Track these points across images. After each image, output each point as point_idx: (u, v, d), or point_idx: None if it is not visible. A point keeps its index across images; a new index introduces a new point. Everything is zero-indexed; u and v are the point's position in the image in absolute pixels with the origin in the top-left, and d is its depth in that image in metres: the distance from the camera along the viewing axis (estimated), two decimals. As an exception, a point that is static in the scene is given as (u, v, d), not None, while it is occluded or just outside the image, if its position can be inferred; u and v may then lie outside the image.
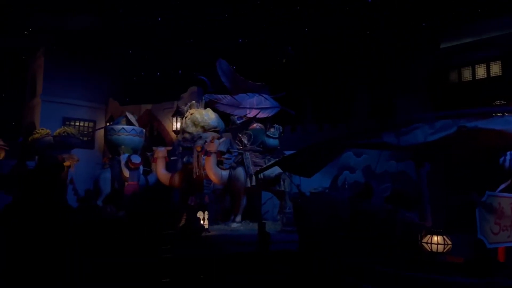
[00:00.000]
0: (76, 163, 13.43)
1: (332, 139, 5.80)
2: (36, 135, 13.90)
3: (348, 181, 10.20)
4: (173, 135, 15.52)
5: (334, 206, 6.74)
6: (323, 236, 6.02)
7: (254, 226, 9.89)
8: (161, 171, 11.82)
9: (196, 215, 8.60)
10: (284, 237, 8.17)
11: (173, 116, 15.43)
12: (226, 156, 10.85)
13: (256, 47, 16.50)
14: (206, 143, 9.90)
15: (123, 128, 12.58)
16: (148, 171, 13.19)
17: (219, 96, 10.28)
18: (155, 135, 16.45)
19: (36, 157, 14.52)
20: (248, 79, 10.72)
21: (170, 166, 12.49)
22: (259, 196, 11.23)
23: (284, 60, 16.46)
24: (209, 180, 10.87)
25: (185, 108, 11.74)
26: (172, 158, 11.75)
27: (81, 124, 16.86)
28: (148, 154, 12.97)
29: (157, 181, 13.00)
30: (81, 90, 16.83)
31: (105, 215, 10.49)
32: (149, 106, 16.65)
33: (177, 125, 15.37)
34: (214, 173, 9.92)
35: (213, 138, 9.86)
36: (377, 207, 6.08)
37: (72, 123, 16.17)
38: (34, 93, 17.23)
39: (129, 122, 12.92)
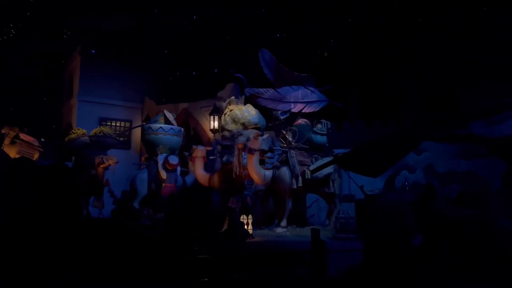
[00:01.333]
0: (115, 164, 12.94)
1: (405, 132, 4.84)
2: (72, 135, 13.63)
3: (408, 182, 9.11)
4: (210, 134, 14.86)
5: (399, 211, 5.80)
6: (395, 248, 5.06)
7: (302, 231, 9.02)
8: (199, 171, 11.16)
9: (240, 219, 7.81)
10: (339, 245, 7.23)
11: (210, 114, 14.71)
12: (268, 155, 10.04)
13: (296, 41, 15.62)
14: (249, 140, 9.10)
15: (161, 127, 12.03)
16: (185, 171, 12.59)
17: (261, 89, 9.47)
18: (191, 134, 15.89)
19: (73, 158, 14.30)
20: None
21: (208, 166, 11.82)
22: (303, 198, 10.39)
23: (325, 54, 15.45)
24: (250, 180, 10.09)
25: (224, 104, 11.02)
26: (211, 158, 11.06)
27: (117, 124, 16.57)
28: (186, 153, 12.39)
29: (195, 182, 12.40)
30: (117, 89, 16.55)
31: (141, 218, 9.92)
32: (185, 105, 16.11)
33: (214, 124, 14.67)
34: (256, 172, 9.12)
35: (257, 135, 9.05)
36: (462, 213, 5.04)
37: (109, 123, 15.89)
38: (71, 94, 17.14)
39: (167, 121, 12.36)
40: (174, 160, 11.86)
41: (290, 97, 9.44)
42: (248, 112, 10.48)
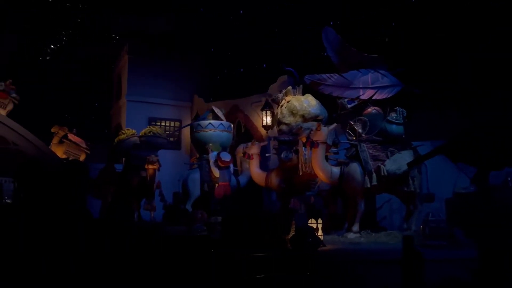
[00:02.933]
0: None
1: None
2: (122, 136, 13.19)
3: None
4: (263, 131, 13.89)
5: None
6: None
7: (378, 237, 7.74)
8: (255, 170, 10.21)
9: (308, 223, 6.70)
10: (432, 255, 5.91)
11: (262, 110, 13.78)
12: (332, 150, 8.86)
13: (354, 27, 14.24)
14: (311, 132, 7.98)
15: (210, 123, 11.21)
16: (238, 170, 11.69)
17: (324, 75, 8.30)
18: (242, 132, 15.02)
19: (123, 159, 13.90)
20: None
21: (262, 164, 10.84)
22: (373, 199, 9.08)
23: (386, 39, 13.93)
24: (313, 179, 8.97)
25: (280, 96, 9.97)
26: (266, 155, 10.08)
27: (167, 123, 16.05)
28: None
29: (249, 182, 11.49)
30: (166, 88, 16.04)
31: (195, 222, 9.09)
32: (235, 102, 15.27)
33: (267, 119, 13.71)
34: (322, 169, 7.97)
35: (319, 125, 7.91)
36: None
37: (158, 123, 15.38)
38: (119, 95, 16.88)
39: (216, 117, 11.53)
40: (226, 156, 10.99)
41: (358, 82, 8.21)
42: (307, 103, 9.36)
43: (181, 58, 16.65)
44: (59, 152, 13.06)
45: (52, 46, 28.12)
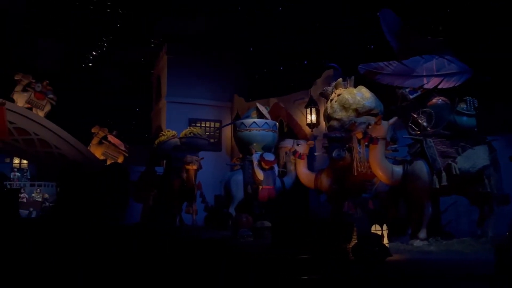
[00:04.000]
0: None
1: None
2: (162, 138, 12.89)
3: None
4: (307, 129, 13.12)
5: None
6: None
7: (450, 245, 6.74)
8: (303, 170, 9.44)
9: (371, 230, 5.86)
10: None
11: (306, 107, 13.05)
12: (391, 147, 7.95)
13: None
14: (369, 127, 7.13)
15: (254, 122, 10.56)
16: (283, 172, 10.97)
17: (381, 64, 7.41)
18: (285, 131, 14.27)
19: (164, 162, 13.57)
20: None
21: (310, 164, 10.06)
22: (437, 201, 8.05)
23: (440, 28, 12.75)
24: (369, 179, 8.09)
25: (329, 89, 9.16)
26: (315, 154, 9.30)
27: (207, 124, 15.62)
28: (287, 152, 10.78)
29: (296, 183, 10.76)
30: (206, 88, 15.64)
31: (240, 226, 8.44)
32: (277, 100, 14.57)
33: (311, 117, 12.95)
34: (382, 168, 7.08)
35: (379, 118, 7.04)
36: None
37: (198, 124, 14.98)
38: (159, 96, 16.67)
39: (260, 115, 10.87)
40: (270, 156, 10.31)
41: (421, 69, 7.26)
42: (361, 95, 8.50)
43: (220, 57, 16.21)
44: (98, 153, 12.96)
45: (94, 53, 28.72)
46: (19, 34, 20.15)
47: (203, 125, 15.29)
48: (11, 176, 24.16)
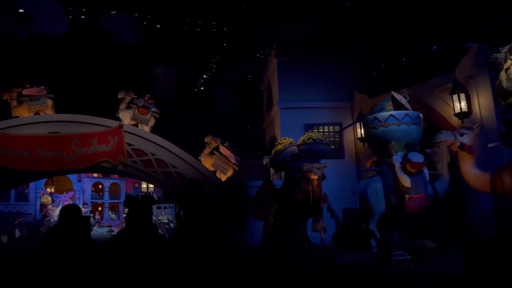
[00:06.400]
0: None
1: None
2: (279, 146, 11.48)
3: None
4: (456, 120, 10.50)
5: None
6: None
7: None
8: (471, 169, 7.04)
9: None
10: None
11: (451, 93, 10.49)
12: None
13: None
14: None
15: (391, 115, 8.44)
16: (434, 175, 8.57)
17: None
18: (424, 127, 11.75)
19: (282, 174, 12.20)
20: None
21: (478, 162, 7.57)
22: None
23: None
24: None
25: (500, 55, 6.68)
26: (490, 146, 6.83)
27: (325, 129, 13.87)
28: (428, 150, 8.50)
29: (452, 189, 8.34)
30: (320, 90, 13.98)
31: (392, 247, 6.40)
32: (408, 91, 12.15)
33: (460, 105, 10.33)
34: None
35: None
36: None
37: (315, 129, 13.33)
38: (271, 105, 15.52)
39: (398, 106, 8.72)
40: (417, 157, 8.09)
41: None
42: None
43: (334, 54, 14.43)
44: (208, 163, 12.23)
45: (204, 76, 29.44)
46: (137, 61, 21.27)
47: (320, 129, 13.57)
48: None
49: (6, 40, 16.77)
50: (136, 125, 12.13)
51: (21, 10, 17.54)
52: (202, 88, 29.47)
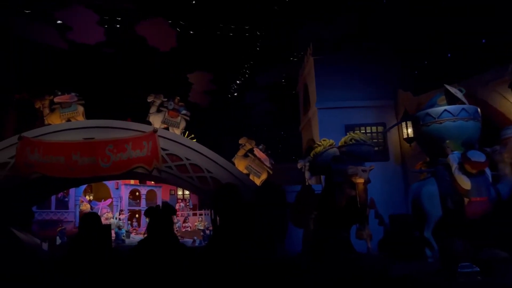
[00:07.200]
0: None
1: None
2: (319, 148, 10.81)
3: None
4: (516, 116, 9.46)
5: None
6: None
7: None
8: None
9: None
10: None
11: (511, 86, 9.48)
12: None
13: None
14: None
15: (445, 110, 7.60)
16: (496, 176, 7.63)
17: None
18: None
19: (322, 178, 11.52)
20: None
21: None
22: None
23: None
24: None
25: None
26: None
27: (367, 129, 13.06)
28: (488, 149, 7.61)
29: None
30: (360, 88, 13.24)
31: (457, 258, 5.59)
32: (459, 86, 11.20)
33: (522, 98, 9.32)
34: None
35: None
36: None
37: (357, 130, 12.58)
38: (308, 106, 14.88)
39: (451, 100, 7.87)
40: (478, 156, 7.19)
41: None
42: None
43: (375, 50, 13.64)
44: (241, 166, 11.76)
45: (238, 82, 29.17)
46: (170, 68, 21.26)
47: (362, 130, 12.79)
48: (176, 207, 25.57)
49: (38, 48, 17.15)
50: (167, 129, 11.88)
51: (59, 22, 17.87)
52: (235, 94, 29.21)
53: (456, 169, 7.32)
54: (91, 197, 24.47)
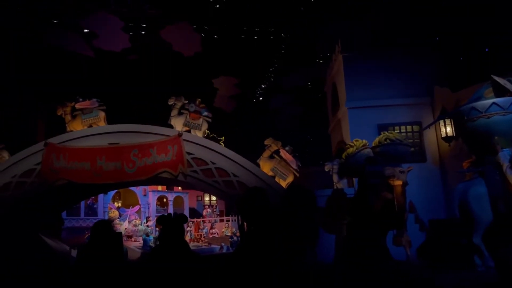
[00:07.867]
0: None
1: None
2: (351, 149, 10.19)
3: None
4: None
5: None
6: None
7: None
8: None
9: None
10: None
11: None
12: None
13: None
14: None
15: (494, 103, 6.94)
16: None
17: None
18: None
19: (356, 180, 10.89)
20: None
21: None
22: None
23: None
24: None
25: None
26: None
27: (402, 129, 12.31)
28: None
29: None
30: (393, 86, 12.52)
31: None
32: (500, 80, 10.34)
33: None
34: None
35: None
36: None
37: (390, 130, 11.89)
38: (337, 106, 14.26)
39: (500, 92, 7.16)
40: (534, 154, 6.46)
41: None
42: None
43: (409, 45, 12.91)
44: (267, 168, 11.29)
45: (263, 86, 28.80)
46: (195, 74, 21.12)
47: (397, 130, 12.08)
48: (204, 213, 25.30)
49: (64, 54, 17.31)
50: (188, 131, 11.58)
51: (86, 30, 18.03)
52: (261, 98, 28.84)
53: (508, 168, 6.62)
54: (120, 204, 24.57)
